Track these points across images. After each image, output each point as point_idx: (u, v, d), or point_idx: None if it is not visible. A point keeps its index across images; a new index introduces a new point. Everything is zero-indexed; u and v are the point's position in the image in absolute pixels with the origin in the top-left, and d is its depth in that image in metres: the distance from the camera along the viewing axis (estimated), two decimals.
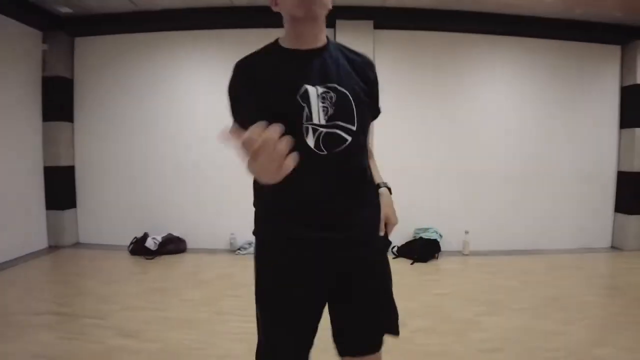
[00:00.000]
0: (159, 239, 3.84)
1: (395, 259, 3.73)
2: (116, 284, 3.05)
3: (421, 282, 3.21)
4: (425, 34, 4.02)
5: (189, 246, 4.04)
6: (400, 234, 3.87)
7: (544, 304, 2.68)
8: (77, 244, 4.17)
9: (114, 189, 4.17)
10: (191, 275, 3.32)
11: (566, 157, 4.21)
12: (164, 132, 4.10)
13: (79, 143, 4.18)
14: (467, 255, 3.94)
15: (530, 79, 4.16)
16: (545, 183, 4.18)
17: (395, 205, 1.11)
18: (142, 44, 4.09)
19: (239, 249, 3.94)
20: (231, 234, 3.98)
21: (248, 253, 3.83)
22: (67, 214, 4.09)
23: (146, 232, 3.95)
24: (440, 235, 3.94)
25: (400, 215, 1.11)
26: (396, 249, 3.84)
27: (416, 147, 4.09)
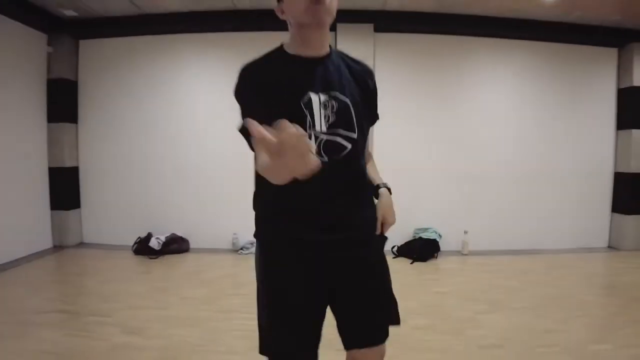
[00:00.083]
0: (163, 238, 3.88)
1: (395, 258, 3.77)
2: (120, 283, 3.09)
3: (421, 281, 3.25)
4: (425, 37, 4.08)
5: (192, 246, 4.08)
6: (400, 234, 3.91)
7: (542, 303, 2.71)
8: (81, 244, 4.21)
9: (117, 189, 4.22)
10: (194, 274, 3.36)
11: (564, 157, 4.25)
12: (167, 133, 4.15)
13: (83, 144, 4.23)
14: (466, 255, 3.98)
15: (528, 81, 4.21)
16: (543, 184, 4.23)
17: (395, 205, 1.13)
18: (145, 46, 4.14)
19: (241, 248, 3.98)
20: (234, 234, 4.02)
21: (250, 253, 3.87)
22: (72, 214, 4.14)
23: (150, 232, 4.00)
24: (440, 235, 3.99)
25: (400, 215, 1.14)
26: (396, 248, 3.88)
27: (416, 149, 4.14)
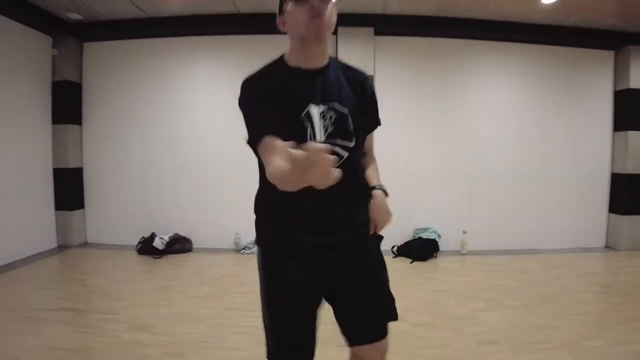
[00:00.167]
0: (166, 238, 3.93)
1: (394, 258, 3.82)
2: (125, 281, 3.14)
3: (420, 280, 3.29)
4: (425, 40, 4.14)
5: (195, 246, 4.14)
6: (400, 234, 3.97)
7: (539, 301, 2.77)
8: (85, 244, 4.26)
9: (120, 190, 4.27)
10: (198, 273, 3.41)
11: (562, 159, 4.31)
12: (170, 135, 4.21)
13: (87, 145, 4.29)
14: (465, 254, 4.04)
15: (527, 84, 4.27)
16: (541, 184, 4.29)
17: (395, 205, 1.17)
18: (149, 49, 4.20)
19: (244, 248, 4.03)
20: (236, 234, 4.07)
21: (252, 253, 3.92)
22: (76, 214, 4.19)
23: (153, 232, 4.05)
24: (439, 235, 4.04)
25: (400, 215, 1.20)
26: (396, 248, 3.94)
27: (415, 150, 4.20)
